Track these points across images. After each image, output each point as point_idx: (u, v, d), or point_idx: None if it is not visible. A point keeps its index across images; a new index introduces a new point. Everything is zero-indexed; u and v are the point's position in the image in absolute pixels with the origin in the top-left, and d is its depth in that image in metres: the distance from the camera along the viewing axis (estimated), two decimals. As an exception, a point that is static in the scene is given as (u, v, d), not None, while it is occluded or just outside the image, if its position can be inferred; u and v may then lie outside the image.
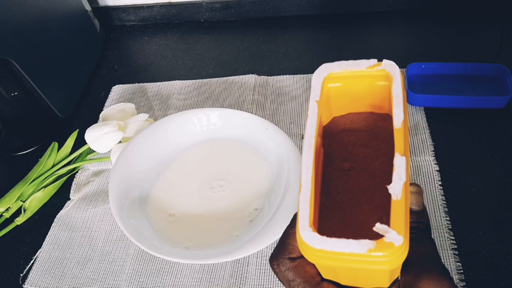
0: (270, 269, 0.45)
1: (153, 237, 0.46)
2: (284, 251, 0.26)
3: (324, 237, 0.20)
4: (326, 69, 0.24)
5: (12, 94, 0.59)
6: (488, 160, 0.51)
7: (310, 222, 0.20)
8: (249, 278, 0.45)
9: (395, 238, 0.19)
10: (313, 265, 0.26)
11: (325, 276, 0.26)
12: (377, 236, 0.19)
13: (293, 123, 0.59)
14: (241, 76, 0.67)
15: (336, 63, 0.24)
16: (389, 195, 0.20)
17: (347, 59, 0.24)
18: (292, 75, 0.66)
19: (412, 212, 0.26)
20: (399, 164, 0.20)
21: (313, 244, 0.20)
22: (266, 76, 0.66)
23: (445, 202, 0.48)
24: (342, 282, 0.25)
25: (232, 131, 0.55)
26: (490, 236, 0.45)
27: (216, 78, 0.68)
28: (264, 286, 0.44)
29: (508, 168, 0.51)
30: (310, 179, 0.22)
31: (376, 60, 0.24)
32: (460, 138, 0.54)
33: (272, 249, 0.46)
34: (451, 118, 0.56)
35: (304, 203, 0.21)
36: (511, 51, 0.63)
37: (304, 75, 0.65)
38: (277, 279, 0.45)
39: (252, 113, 0.54)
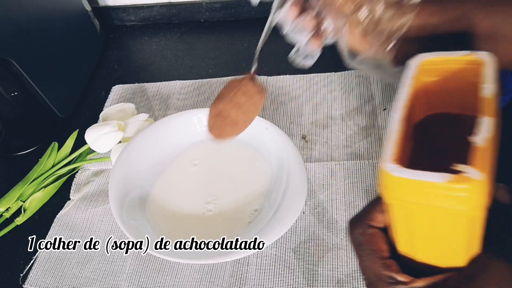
0: (270, 269, 0.45)
1: (153, 237, 0.46)
2: (366, 217, 0.27)
3: (405, 168, 0.20)
4: (420, 58, 0.26)
5: (12, 94, 0.59)
6: (488, 160, 0.51)
7: (394, 157, 0.21)
8: (249, 278, 0.45)
9: (475, 174, 0.19)
10: (387, 240, 0.26)
11: (401, 246, 0.25)
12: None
13: (293, 123, 0.59)
14: (241, 76, 0.67)
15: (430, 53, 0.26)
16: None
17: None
18: (292, 75, 0.66)
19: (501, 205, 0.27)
20: (485, 121, 0.21)
21: (393, 172, 0.20)
22: (266, 76, 0.66)
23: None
24: (418, 255, 0.25)
25: (232, 131, 0.55)
26: (490, 236, 0.45)
27: (216, 78, 0.68)
28: (264, 286, 0.44)
29: (508, 168, 0.50)
30: (400, 118, 0.23)
31: (468, 51, 0.24)
32: (460, 138, 0.54)
33: (273, 248, 0.46)
34: (451, 118, 0.56)
35: (390, 141, 0.22)
36: (511, 51, 0.63)
37: (304, 75, 0.65)
38: (277, 280, 0.45)
39: (252, 113, 0.54)
